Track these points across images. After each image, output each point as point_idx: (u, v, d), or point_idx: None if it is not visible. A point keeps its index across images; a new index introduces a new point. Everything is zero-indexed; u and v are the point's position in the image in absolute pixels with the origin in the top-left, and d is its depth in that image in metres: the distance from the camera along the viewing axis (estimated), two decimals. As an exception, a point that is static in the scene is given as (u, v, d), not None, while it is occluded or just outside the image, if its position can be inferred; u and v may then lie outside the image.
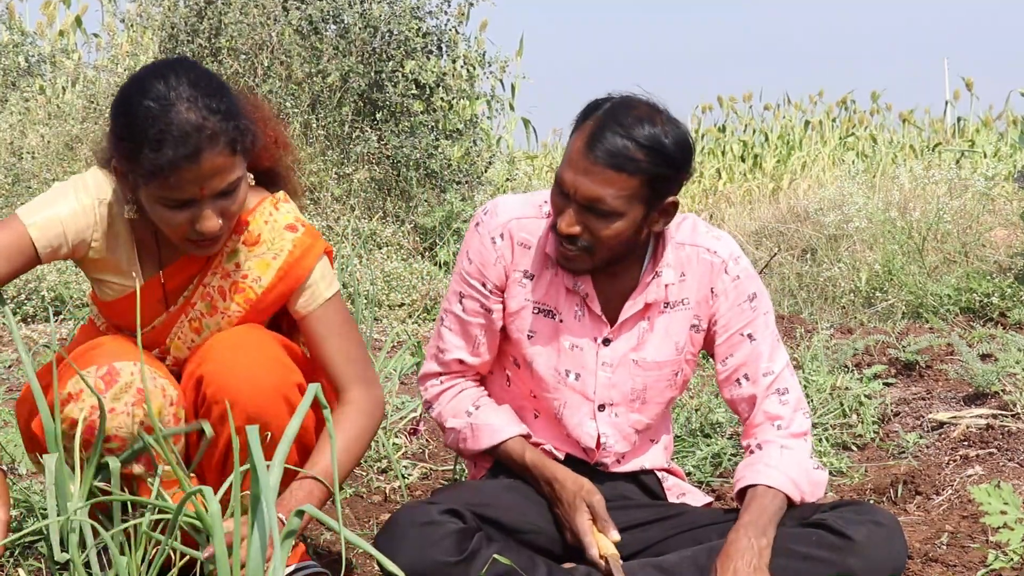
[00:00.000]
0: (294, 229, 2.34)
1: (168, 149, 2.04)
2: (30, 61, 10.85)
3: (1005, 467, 3.27)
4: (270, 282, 2.31)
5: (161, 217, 2.14)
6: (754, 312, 2.47)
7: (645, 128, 2.25)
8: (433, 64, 8.52)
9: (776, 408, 2.44)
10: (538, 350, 2.47)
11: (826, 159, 13.55)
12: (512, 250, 2.44)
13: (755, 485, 2.34)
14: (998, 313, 5.54)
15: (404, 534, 2.20)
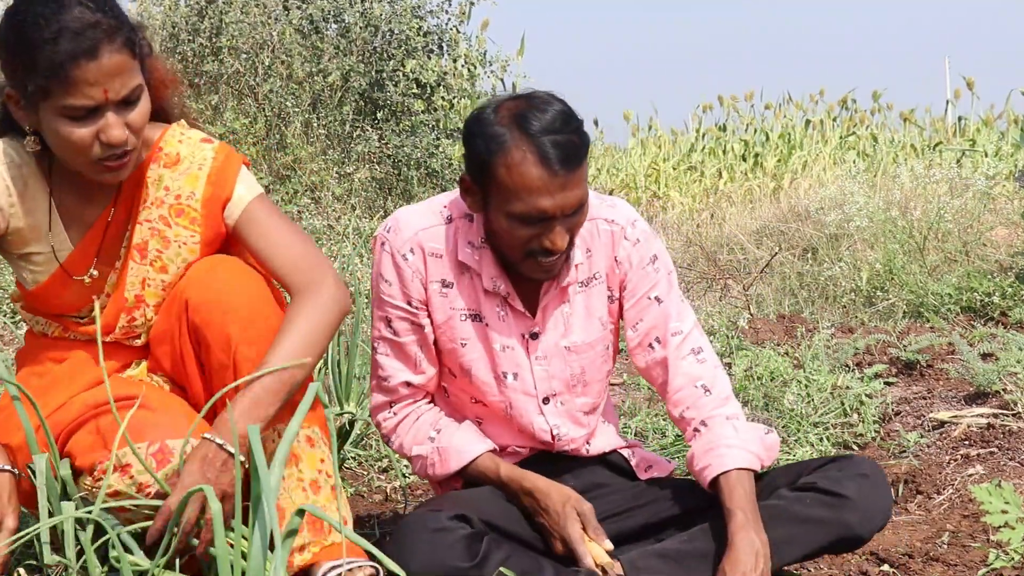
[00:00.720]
0: (209, 141, 2.29)
1: (65, 43, 1.98)
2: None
3: (1006, 466, 3.27)
4: (203, 193, 2.24)
5: (66, 137, 2.05)
6: (657, 273, 2.46)
7: (559, 113, 2.24)
8: (434, 63, 8.53)
9: (695, 368, 2.43)
10: (474, 356, 2.45)
11: (827, 158, 13.54)
12: (424, 262, 2.40)
13: (728, 471, 2.32)
14: (999, 312, 5.53)
15: (416, 541, 2.19)
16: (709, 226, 9.50)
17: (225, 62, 8.22)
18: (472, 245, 2.40)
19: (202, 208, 2.24)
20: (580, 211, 2.27)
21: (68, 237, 2.24)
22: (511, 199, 2.22)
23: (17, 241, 2.23)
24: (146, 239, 2.24)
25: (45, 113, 2.05)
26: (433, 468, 2.45)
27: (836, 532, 2.32)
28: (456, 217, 2.42)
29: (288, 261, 2.24)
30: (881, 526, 2.38)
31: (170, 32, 8.40)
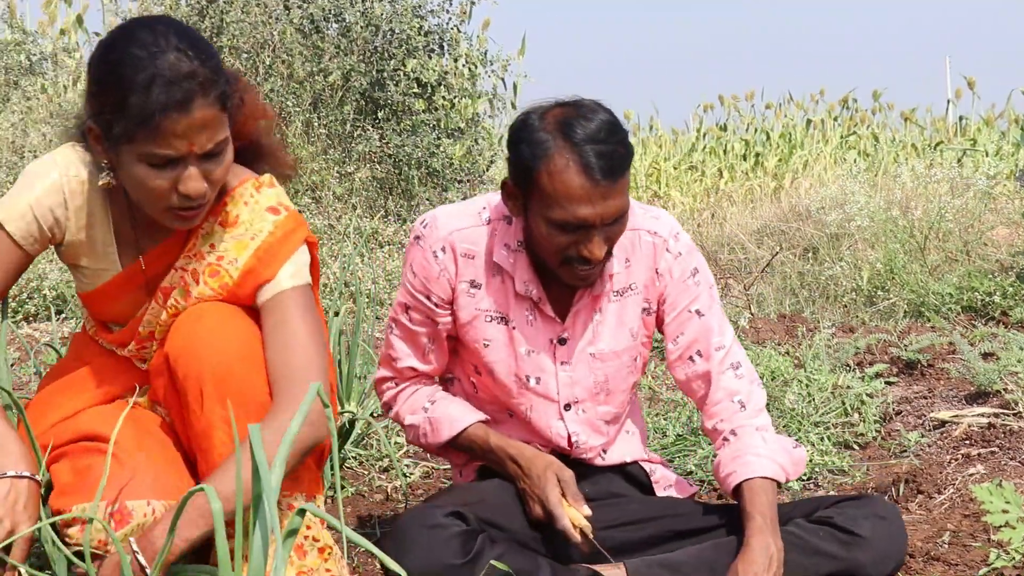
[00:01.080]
0: (276, 212, 2.19)
1: (158, 92, 1.92)
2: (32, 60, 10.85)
3: (1007, 466, 3.27)
4: (246, 263, 2.15)
5: (142, 181, 1.99)
6: (698, 287, 2.47)
7: (605, 122, 2.24)
8: (435, 63, 8.53)
9: (733, 383, 2.45)
10: (497, 358, 2.46)
11: (828, 158, 13.53)
12: (455, 262, 2.41)
13: (752, 479, 2.33)
14: (1000, 312, 5.53)
15: (411, 537, 2.20)
16: (710, 226, 9.50)
17: (226, 61, 8.21)
18: (508, 248, 2.41)
19: (238, 277, 2.16)
20: (620, 221, 2.27)
21: (119, 259, 2.21)
22: (552, 206, 2.22)
23: (69, 253, 2.21)
24: (173, 286, 2.20)
25: (126, 155, 2.00)
26: (426, 437, 2.51)
27: (845, 569, 2.31)
28: (494, 219, 2.43)
29: (281, 365, 2.09)
30: (893, 571, 2.36)
31: (171, 32, 8.39)
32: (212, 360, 2.07)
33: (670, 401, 4.04)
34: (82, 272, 2.24)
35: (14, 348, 5.44)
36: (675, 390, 4.22)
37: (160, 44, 1.95)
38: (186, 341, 2.10)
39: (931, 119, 15.98)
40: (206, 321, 2.12)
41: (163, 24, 2.00)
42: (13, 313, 6.11)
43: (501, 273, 2.43)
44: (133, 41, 1.96)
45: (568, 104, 2.28)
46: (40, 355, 4.98)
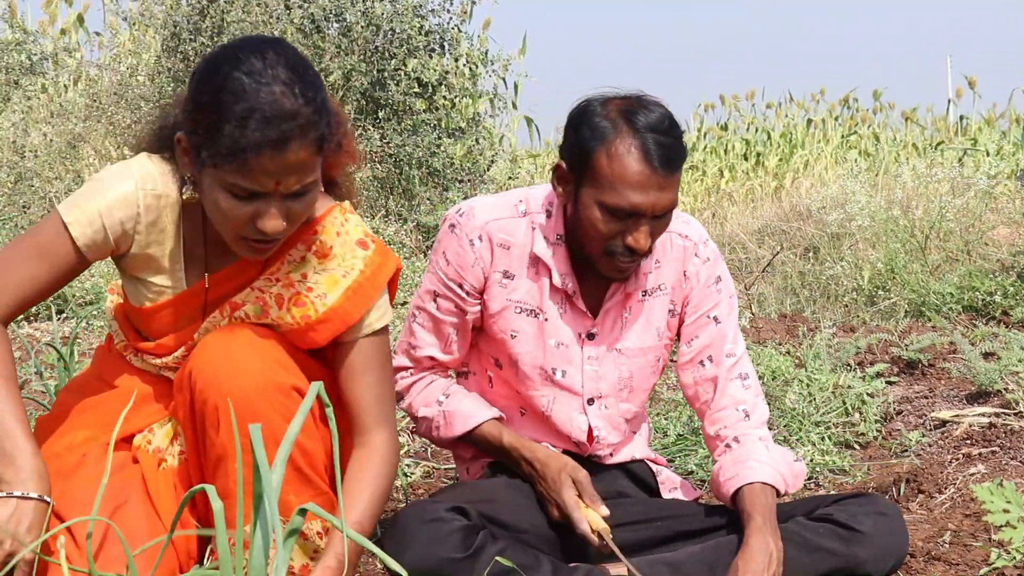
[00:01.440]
0: (365, 246, 2.17)
1: (254, 128, 1.86)
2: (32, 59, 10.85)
3: (1008, 465, 3.27)
4: (336, 301, 2.13)
5: (222, 207, 1.95)
6: (719, 295, 2.51)
7: (665, 116, 2.28)
8: (435, 62, 8.52)
9: (740, 392, 2.48)
10: (524, 349, 2.48)
11: (828, 157, 13.54)
12: (491, 252, 2.43)
13: (752, 483, 2.35)
14: (1000, 311, 5.53)
15: (411, 532, 2.20)
16: (711, 225, 9.50)
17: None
18: (547, 241, 2.44)
19: (323, 313, 2.13)
20: (667, 217, 2.31)
21: (185, 277, 2.16)
22: (607, 189, 2.25)
23: (133, 265, 2.14)
24: (245, 301, 2.14)
25: (209, 177, 1.94)
26: (438, 431, 2.50)
27: (845, 565, 2.32)
28: (532, 212, 2.45)
29: (376, 410, 2.19)
30: (893, 568, 2.36)
31: (172, 31, 8.39)
32: (233, 388, 2.02)
33: (671, 401, 4.04)
34: (142, 285, 2.17)
35: (15, 347, 5.44)
36: (676, 390, 4.22)
37: (266, 75, 1.89)
38: (211, 363, 2.05)
39: (932, 119, 15.99)
40: (233, 347, 2.06)
41: (275, 52, 1.93)
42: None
43: (537, 265, 2.45)
44: (239, 65, 1.90)
45: (630, 96, 2.33)
46: (41, 355, 4.98)
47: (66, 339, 5.41)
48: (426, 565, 2.16)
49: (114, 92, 8.98)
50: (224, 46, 1.98)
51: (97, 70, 10.05)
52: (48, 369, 4.67)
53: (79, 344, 5.42)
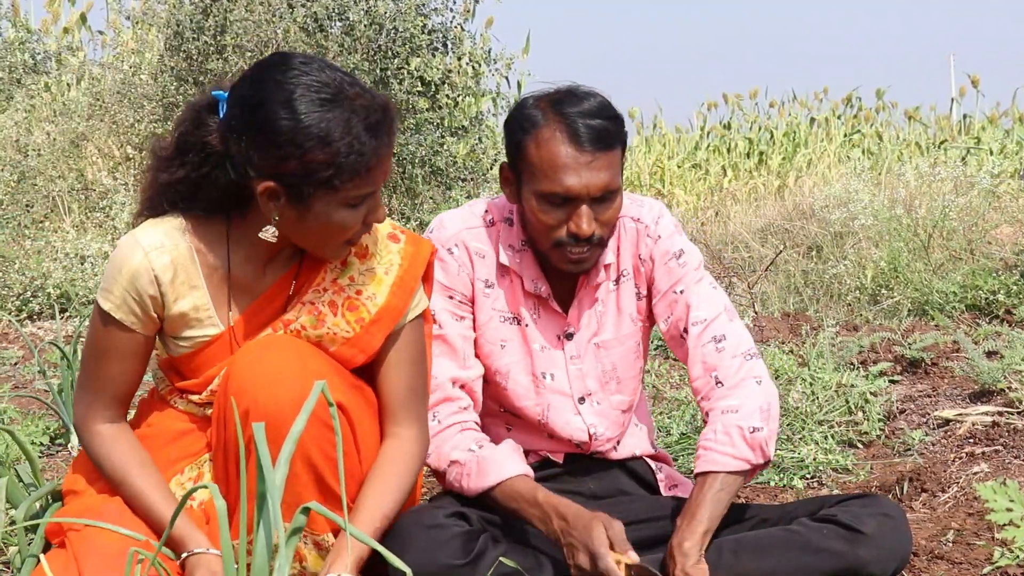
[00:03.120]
0: (396, 239, 2.24)
1: (369, 138, 1.98)
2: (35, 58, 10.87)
3: (1011, 464, 3.27)
4: (385, 300, 2.18)
5: (343, 223, 2.04)
6: (683, 268, 2.46)
7: (596, 102, 2.29)
8: (438, 61, 8.52)
9: (712, 357, 2.39)
10: (514, 359, 2.47)
11: (831, 156, 13.53)
12: (470, 259, 2.44)
13: (704, 472, 2.31)
14: (1004, 310, 5.53)
15: (411, 537, 2.18)
16: (714, 224, 9.50)
17: (229, 60, 8.22)
18: (513, 248, 2.44)
19: (376, 313, 2.18)
20: (609, 200, 2.29)
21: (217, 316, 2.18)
22: (540, 178, 2.26)
23: (171, 327, 2.17)
24: (298, 316, 2.17)
25: (321, 205, 2.02)
26: (468, 478, 2.34)
27: (848, 566, 2.26)
28: (497, 220, 2.46)
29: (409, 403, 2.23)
30: (897, 569, 2.32)
31: (174, 30, 8.40)
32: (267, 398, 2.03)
33: (674, 400, 4.04)
34: (182, 341, 2.19)
35: (18, 346, 5.44)
36: (679, 388, 4.22)
37: (332, 85, 1.98)
38: (247, 368, 2.07)
39: (935, 117, 15.97)
40: (268, 361, 2.08)
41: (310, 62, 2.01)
42: (17, 311, 6.12)
43: (509, 273, 2.45)
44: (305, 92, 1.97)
45: (562, 88, 2.34)
46: (44, 353, 4.98)
47: (69, 338, 5.42)
48: (426, 571, 2.13)
49: (117, 91, 8.99)
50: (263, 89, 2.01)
51: (100, 69, 10.05)
52: (51, 368, 4.68)
53: (82, 343, 5.43)
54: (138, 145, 9.00)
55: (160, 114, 8.70)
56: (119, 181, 8.63)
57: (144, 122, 8.77)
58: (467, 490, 2.35)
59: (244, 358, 2.09)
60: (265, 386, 2.04)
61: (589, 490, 2.54)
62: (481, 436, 2.42)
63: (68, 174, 8.64)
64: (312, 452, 2.06)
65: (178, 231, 2.13)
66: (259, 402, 2.02)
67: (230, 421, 2.06)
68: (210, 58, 8.28)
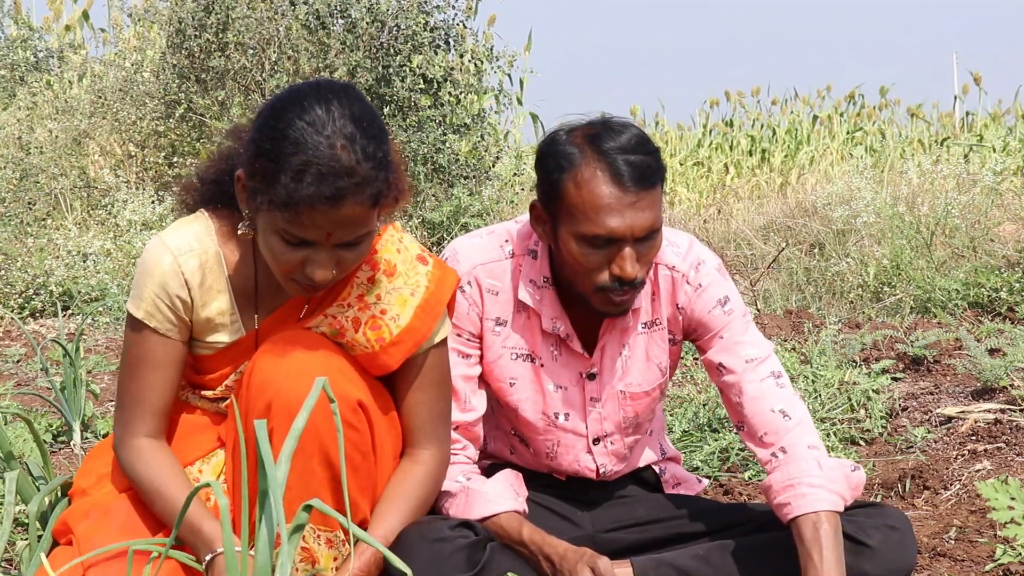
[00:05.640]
0: (424, 261, 2.18)
1: (309, 184, 1.86)
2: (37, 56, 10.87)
3: (1013, 462, 3.27)
4: (408, 322, 2.14)
5: (272, 248, 1.97)
6: (729, 316, 2.37)
7: (634, 135, 2.19)
8: (441, 59, 8.52)
9: (772, 392, 2.32)
10: (523, 396, 2.40)
11: (834, 154, 13.52)
12: (481, 297, 2.34)
13: (808, 514, 2.17)
14: (1006, 308, 5.53)
15: (415, 551, 2.13)
16: (716, 222, 9.49)
17: (231, 57, 8.22)
18: (534, 284, 2.35)
19: (397, 334, 2.14)
20: (652, 239, 2.19)
21: (241, 320, 2.17)
22: (580, 219, 2.15)
23: (197, 331, 2.16)
24: (319, 326, 2.14)
25: (263, 219, 1.97)
26: (458, 509, 2.31)
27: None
28: (518, 254, 2.36)
29: (430, 426, 2.22)
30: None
31: (176, 27, 8.40)
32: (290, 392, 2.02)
33: (676, 397, 4.04)
34: (204, 346, 2.19)
35: (20, 344, 5.45)
36: (681, 386, 4.22)
37: (328, 127, 1.89)
38: (273, 362, 2.05)
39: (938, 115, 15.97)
40: (298, 350, 2.07)
41: (339, 102, 1.92)
42: (20, 309, 6.12)
43: (526, 310, 2.36)
44: (303, 114, 1.90)
45: (595, 121, 2.23)
46: (46, 351, 4.99)
47: (71, 335, 5.42)
48: None
49: (119, 88, 8.99)
50: (292, 89, 1.98)
51: (102, 66, 10.05)
52: (54, 366, 4.68)
53: (85, 340, 5.43)
54: (140, 143, 9.00)
55: (162, 111, 8.70)
56: (121, 178, 8.63)
57: (146, 119, 8.77)
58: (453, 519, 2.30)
59: (267, 352, 2.08)
60: (288, 379, 2.02)
61: (590, 497, 2.52)
62: (471, 468, 2.37)
63: (70, 171, 8.64)
64: (331, 451, 2.05)
65: (206, 234, 2.12)
66: (282, 395, 2.01)
67: (249, 416, 2.04)
68: (212, 55, 8.28)
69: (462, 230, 7.71)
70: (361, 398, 2.09)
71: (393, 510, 2.17)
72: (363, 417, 2.10)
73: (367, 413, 2.11)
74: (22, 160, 8.32)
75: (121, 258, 6.85)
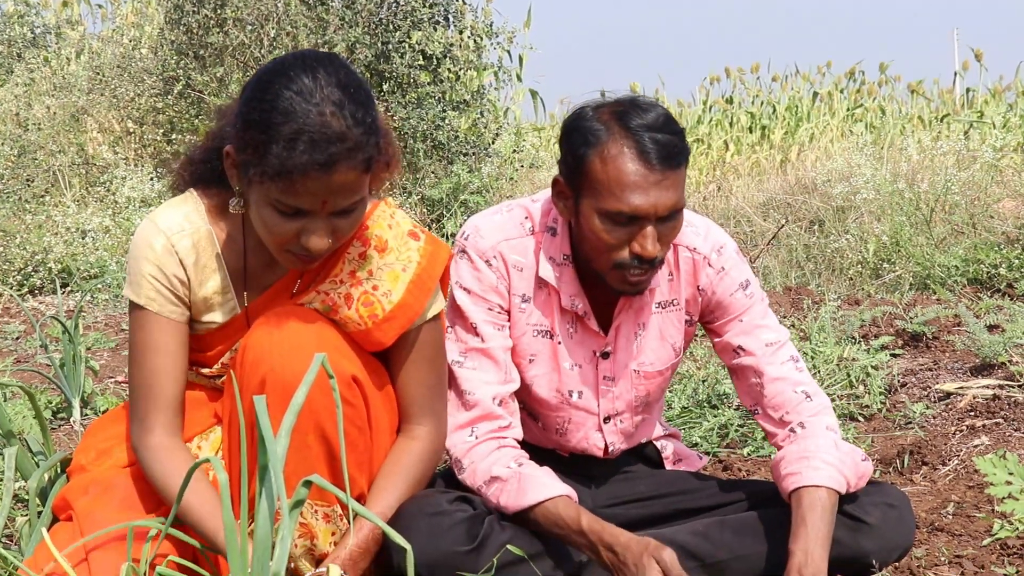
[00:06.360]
0: (416, 237, 2.18)
1: (302, 152, 1.86)
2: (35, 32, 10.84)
3: (1011, 437, 3.27)
4: (401, 298, 2.14)
5: (267, 220, 1.96)
6: (750, 299, 2.40)
7: (661, 114, 2.18)
8: (440, 35, 8.49)
9: (793, 374, 2.35)
10: (539, 372, 2.41)
11: (834, 130, 13.50)
12: (507, 272, 2.34)
13: (811, 487, 2.19)
14: (1005, 284, 5.53)
15: (413, 525, 2.13)
16: (716, 198, 9.48)
17: (230, 34, 8.19)
18: (554, 261, 2.35)
19: (390, 311, 2.14)
20: (674, 219, 2.19)
21: (237, 301, 2.17)
22: (604, 195, 2.15)
23: (195, 312, 2.16)
24: (312, 303, 2.14)
25: (256, 193, 1.95)
26: (508, 495, 2.25)
27: (850, 555, 2.24)
28: (538, 230, 2.36)
29: (425, 401, 2.23)
30: (899, 558, 2.31)
31: (174, 3, 8.36)
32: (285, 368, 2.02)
33: (675, 374, 4.04)
34: (199, 325, 2.18)
35: (19, 321, 5.45)
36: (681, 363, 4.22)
37: (316, 94, 1.88)
38: (267, 338, 2.05)
39: (938, 91, 15.94)
40: (293, 326, 2.06)
41: (326, 70, 1.92)
42: (19, 286, 6.12)
43: (546, 287, 2.36)
44: (290, 84, 1.89)
45: (623, 99, 2.22)
46: (45, 328, 4.99)
47: (71, 312, 5.43)
48: (430, 559, 2.11)
49: (117, 65, 8.97)
50: (277, 61, 1.97)
51: (100, 43, 10.02)
52: (53, 342, 4.68)
53: (84, 317, 5.43)
54: (138, 119, 8.98)
55: (160, 88, 8.68)
56: (119, 155, 8.62)
57: (144, 96, 8.75)
58: (506, 507, 2.25)
59: (262, 327, 2.07)
60: (282, 355, 2.02)
61: (592, 473, 2.53)
62: (521, 453, 2.33)
63: (68, 148, 8.62)
64: (327, 426, 2.05)
65: (196, 213, 2.12)
66: (276, 371, 2.01)
67: (245, 392, 2.03)
68: (210, 31, 8.24)
69: (461, 207, 7.70)
70: (356, 373, 2.09)
71: (391, 486, 2.17)
72: (358, 393, 2.10)
73: (362, 389, 2.11)
74: (20, 137, 8.30)
75: (120, 235, 6.84)
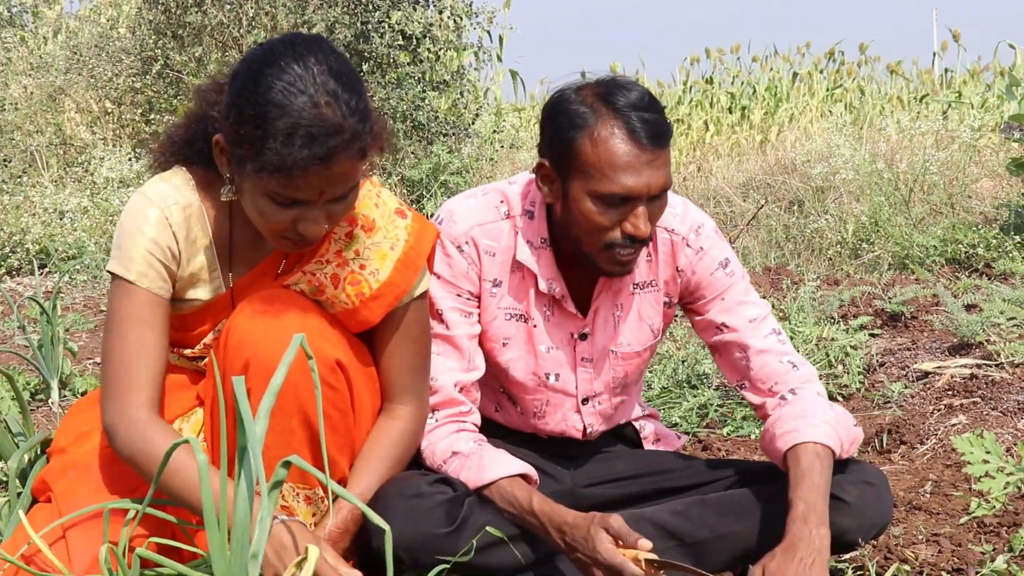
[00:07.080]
0: (403, 215, 2.16)
1: (300, 147, 1.84)
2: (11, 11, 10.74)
3: (988, 416, 3.29)
4: (388, 276, 2.12)
5: (262, 210, 1.94)
6: (731, 277, 2.38)
7: (643, 93, 2.17)
8: (420, 15, 8.45)
9: (777, 345, 2.35)
10: (514, 356, 2.39)
11: (814, 111, 13.52)
12: (479, 258, 2.32)
13: (808, 443, 2.18)
14: (983, 264, 5.56)
15: (392, 507, 2.12)
16: (696, 179, 9.49)
17: (208, 13, 8.14)
18: (532, 245, 2.33)
19: (377, 288, 2.12)
20: (662, 197, 2.19)
21: (223, 280, 2.14)
22: (596, 177, 2.14)
23: (181, 288, 2.11)
24: (298, 284, 2.12)
25: (251, 183, 1.92)
26: (469, 471, 2.25)
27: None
28: (515, 214, 2.34)
29: (407, 380, 2.21)
30: (876, 535, 2.32)
31: (152, -17, 8.31)
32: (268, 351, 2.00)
33: (655, 354, 4.05)
34: (183, 303, 2.14)
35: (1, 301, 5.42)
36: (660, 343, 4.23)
37: (309, 85, 1.86)
38: (249, 321, 2.03)
39: (917, 71, 15.95)
40: (276, 308, 2.05)
41: (316, 56, 1.89)
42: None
43: (521, 270, 2.35)
44: (281, 73, 1.86)
45: (602, 80, 2.21)
46: (23, 309, 4.96)
47: (49, 294, 5.40)
48: (409, 542, 2.11)
49: (95, 44, 8.90)
50: (265, 48, 1.94)
51: (77, 22, 9.94)
52: (31, 323, 4.66)
53: (62, 298, 5.41)
54: (116, 99, 8.92)
55: (138, 68, 8.62)
56: (98, 135, 8.57)
57: (122, 76, 8.69)
58: (467, 483, 2.25)
59: (245, 310, 2.05)
60: (266, 338, 2.01)
61: (571, 453, 2.52)
62: (480, 437, 2.33)
63: (46, 128, 8.57)
64: (311, 411, 2.04)
65: (187, 187, 2.09)
66: (260, 355, 2.00)
67: (227, 375, 2.01)
68: (188, 11, 8.19)
69: (441, 188, 7.69)
70: (339, 357, 2.08)
71: (371, 467, 2.17)
72: (341, 376, 2.09)
73: (345, 372, 2.10)
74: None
75: (98, 215, 6.81)
